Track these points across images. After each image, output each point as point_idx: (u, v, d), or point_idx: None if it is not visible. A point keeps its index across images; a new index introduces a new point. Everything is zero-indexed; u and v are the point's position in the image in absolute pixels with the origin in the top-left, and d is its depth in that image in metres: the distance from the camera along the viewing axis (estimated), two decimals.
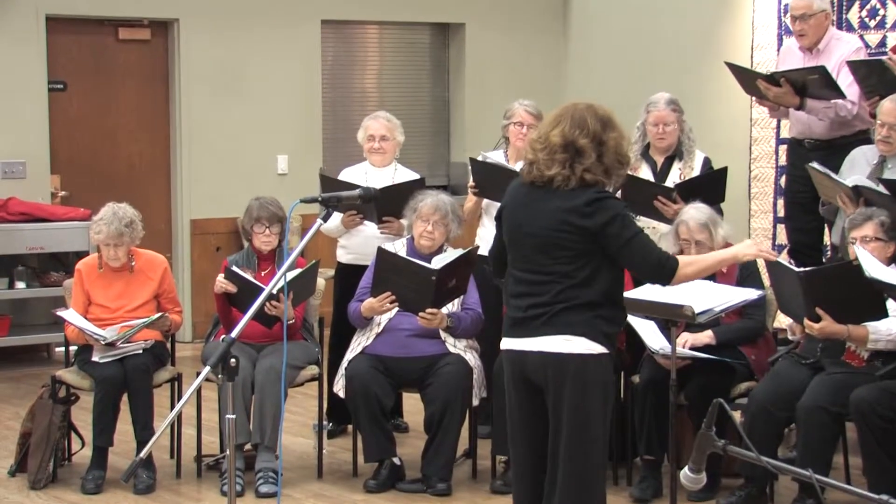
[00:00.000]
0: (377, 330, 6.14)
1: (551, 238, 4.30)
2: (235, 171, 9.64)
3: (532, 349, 4.35)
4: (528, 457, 4.47)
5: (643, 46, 10.08)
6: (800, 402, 5.44)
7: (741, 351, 5.87)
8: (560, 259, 4.30)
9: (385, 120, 6.88)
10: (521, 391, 4.44)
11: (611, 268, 4.34)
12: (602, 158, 4.31)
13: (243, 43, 9.70)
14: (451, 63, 10.80)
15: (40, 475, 6.08)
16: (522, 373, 4.41)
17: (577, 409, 4.32)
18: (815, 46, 6.79)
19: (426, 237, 6.18)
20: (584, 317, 4.29)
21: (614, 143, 4.33)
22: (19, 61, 8.92)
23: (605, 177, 4.34)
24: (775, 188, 8.88)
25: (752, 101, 8.14)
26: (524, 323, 4.37)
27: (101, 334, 6.02)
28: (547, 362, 4.32)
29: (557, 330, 4.30)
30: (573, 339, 4.29)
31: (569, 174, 4.29)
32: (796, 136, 6.96)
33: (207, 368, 3.89)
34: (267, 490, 5.92)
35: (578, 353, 4.30)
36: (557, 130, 4.31)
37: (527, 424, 4.46)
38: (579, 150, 4.29)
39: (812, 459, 5.23)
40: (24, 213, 8.69)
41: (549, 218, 4.31)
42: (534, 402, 4.42)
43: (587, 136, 4.29)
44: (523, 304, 4.37)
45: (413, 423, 6.93)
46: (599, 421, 4.37)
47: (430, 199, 6.21)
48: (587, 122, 4.31)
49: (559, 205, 4.30)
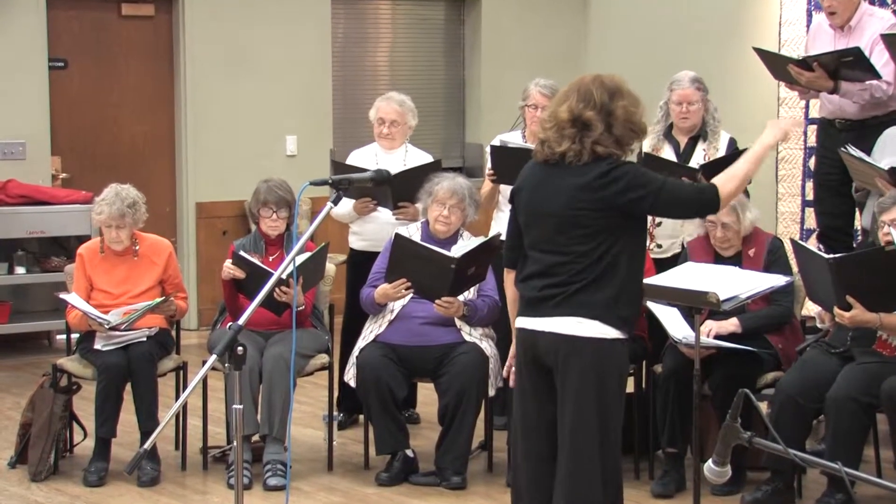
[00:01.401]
0: (390, 317, 6.14)
1: (567, 216, 4.32)
2: (242, 152, 9.64)
3: (544, 329, 4.37)
4: (535, 441, 4.48)
5: (666, 23, 10.05)
6: (829, 393, 5.43)
7: (768, 339, 5.86)
8: (577, 238, 4.31)
9: (397, 104, 6.85)
10: (532, 372, 4.46)
11: (630, 246, 4.35)
12: (612, 129, 4.33)
13: (250, 19, 9.69)
14: (466, 40, 10.79)
15: (41, 467, 6.10)
16: (534, 353, 4.43)
17: (587, 395, 4.32)
18: (846, 24, 6.76)
19: (442, 222, 6.17)
20: (600, 299, 4.30)
21: (623, 111, 4.34)
22: (18, 38, 8.92)
23: (618, 147, 4.35)
24: (804, 170, 8.85)
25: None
26: (538, 303, 4.39)
27: (104, 318, 6.03)
28: (559, 344, 4.34)
29: (571, 311, 4.32)
30: (586, 322, 4.31)
31: (579, 148, 4.31)
32: (826, 117, 6.93)
33: (214, 357, 3.90)
34: (275, 483, 5.94)
35: (592, 337, 4.31)
36: (565, 106, 4.34)
37: (536, 407, 4.47)
38: (586, 123, 4.31)
39: (842, 452, 5.23)
40: (24, 195, 8.70)
41: (564, 196, 4.33)
42: (544, 384, 4.43)
43: (593, 107, 4.31)
44: (539, 284, 4.39)
45: (426, 413, 6.94)
46: (610, 409, 4.37)
47: (446, 182, 6.21)
48: (593, 93, 4.33)
49: (573, 181, 4.32)
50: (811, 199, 7.65)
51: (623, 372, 4.46)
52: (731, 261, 5.87)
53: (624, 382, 4.48)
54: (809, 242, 7.85)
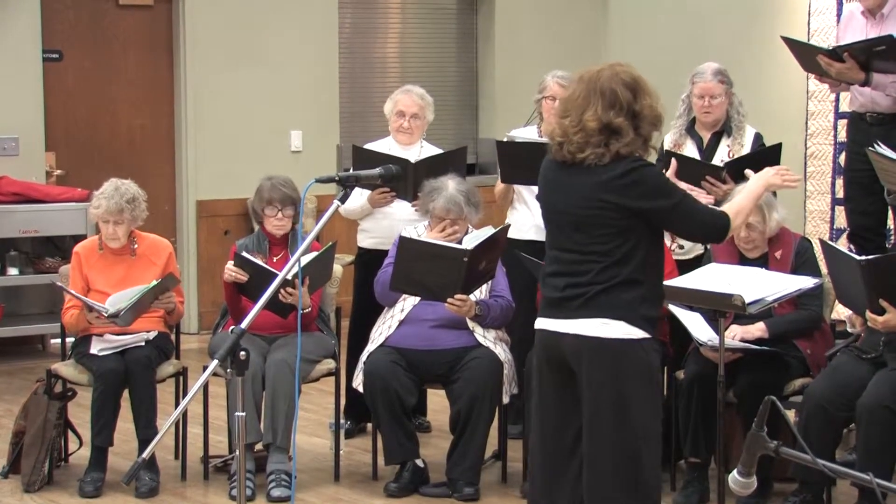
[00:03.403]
0: (400, 317, 6.15)
1: (588, 216, 4.37)
2: (245, 148, 9.66)
3: (568, 331, 4.40)
4: (554, 446, 4.50)
5: (689, 12, 10.05)
6: (860, 401, 5.43)
7: (796, 344, 5.86)
8: (598, 237, 4.36)
9: (418, 97, 6.86)
10: (555, 374, 4.49)
11: (650, 245, 4.41)
12: (639, 130, 4.39)
13: (254, 8, 9.72)
14: (479, 30, 10.80)
15: (34, 477, 6.12)
16: (557, 356, 4.46)
17: (617, 398, 4.35)
18: (878, 11, 6.75)
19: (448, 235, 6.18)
20: (624, 299, 4.35)
21: (648, 110, 4.39)
22: (11, 28, 8.95)
23: (643, 147, 4.43)
24: (833, 167, 8.84)
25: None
26: (560, 303, 4.43)
27: (102, 307, 6.00)
28: (583, 346, 4.37)
29: (595, 313, 4.36)
30: (612, 323, 4.35)
31: (603, 152, 4.36)
32: (857, 110, 6.92)
33: (215, 362, 3.91)
34: (279, 494, 5.95)
35: (617, 338, 4.35)
36: (591, 114, 4.35)
37: (556, 411, 4.49)
38: (616, 130, 4.35)
39: (873, 462, 5.22)
40: (17, 193, 8.73)
41: (584, 195, 4.37)
42: (567, 388, 4.46)
43: (620, 112, 4.35)
44: (560, 284, 4.44)
45: (438, 422, 6.95)
46: (644, 411, 4.40)
47: (440, 200, 6.19)
48: (618, 96, 4.36)
49: (592, 180, 4.35)
50: (841, 196, 7.64)
51: (654, 370, 4.48)
52: (757, 262, 5.87)
53: (656, 381, 4.51)
54: (839, 243, 7.85)
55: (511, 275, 6.28)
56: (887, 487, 3.32)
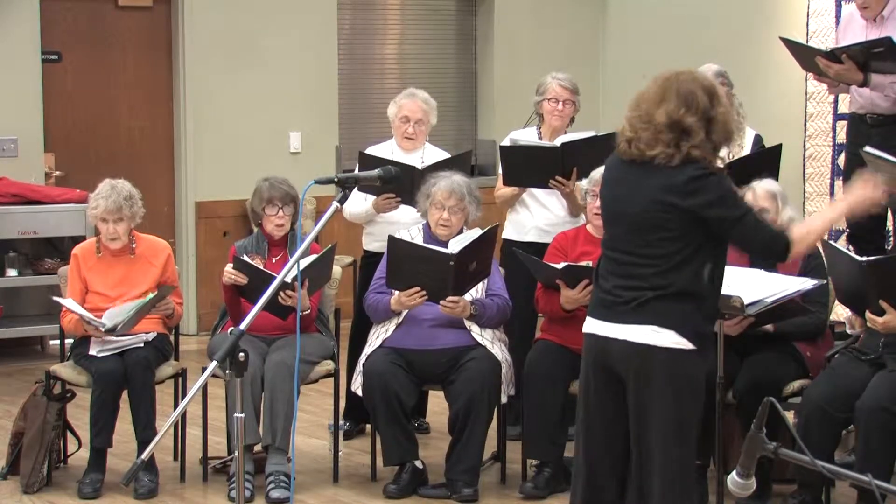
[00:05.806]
0: (397, 320, 6.14)
1: (648, 218, 4.33)
2: (244, 149, 9.66)
3: (617, 336, 4.38)
4: (600, 453, 4.51)
5: (688, 14, 10.05)
6: (859, 402, 5.42)
7: (795, 346, 5.84)
8: (655, 241, 4.33)
9: (423, 102, 6.82)
10: (601, 379, 4.48)
11: (711, 258, 4.37)
12: (711, 136, 4.35)
13: (253, 9, 9.71)
14: (478, 31, 10.80)
15: (33, 478, 6.11)
16: (605, 361, 4.45)
17: (667, 408, 4.36)
18: (878, 14, 6.75)
19: (442, 225, 6.16)
20: (677, 308, 4.32)
21: (723, 118, 4.36)
22: (10, 29, 8.94)
23: (713, 154, 4.38)
24: (832, 168, 8.84)
25: (807, 73, 8.10)
26: (611, 306, 4.41)
27: (99, 322, 6.02)
28: (632, 353, 4.36)
29: (646, 319, 4.33)
30: (662, 332, 4.32)
31: (673, 152, 4.32)
32: (857, 112, 6.92)
33: (214, 363, 3.91)
34: (278, 495, 5.94)
35: (666, 347, 4.33)
36: (662, 109, 4.32)
37: (604, 417, 4.49)
38: (687, 130, 4.31)
39: (872, 464, 5.22)
40: (16, 194, 8.72)
41: (647, 196, 4.34)
42: (614, 393, 4.45)
43: (695, 112, 4.31)
44: (610, 285, 4.41)
45: (437, 423, 6.95)
46: (690, 420, 4.42)
47: (443, 182, 6.18)
48: (696, 97, 4.33)
49: (659, 182, 4.32)
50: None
51: (699, 382, 4.46)
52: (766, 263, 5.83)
53: (700, 391, 4.49)
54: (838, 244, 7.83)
55: (511, 275, 6.27)
56: (886, 489, 3.31)
